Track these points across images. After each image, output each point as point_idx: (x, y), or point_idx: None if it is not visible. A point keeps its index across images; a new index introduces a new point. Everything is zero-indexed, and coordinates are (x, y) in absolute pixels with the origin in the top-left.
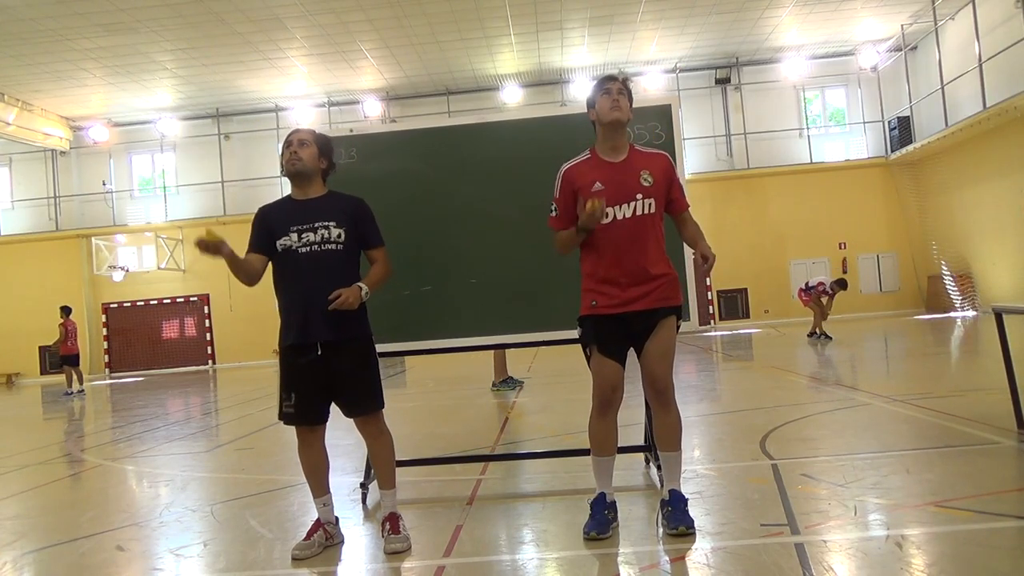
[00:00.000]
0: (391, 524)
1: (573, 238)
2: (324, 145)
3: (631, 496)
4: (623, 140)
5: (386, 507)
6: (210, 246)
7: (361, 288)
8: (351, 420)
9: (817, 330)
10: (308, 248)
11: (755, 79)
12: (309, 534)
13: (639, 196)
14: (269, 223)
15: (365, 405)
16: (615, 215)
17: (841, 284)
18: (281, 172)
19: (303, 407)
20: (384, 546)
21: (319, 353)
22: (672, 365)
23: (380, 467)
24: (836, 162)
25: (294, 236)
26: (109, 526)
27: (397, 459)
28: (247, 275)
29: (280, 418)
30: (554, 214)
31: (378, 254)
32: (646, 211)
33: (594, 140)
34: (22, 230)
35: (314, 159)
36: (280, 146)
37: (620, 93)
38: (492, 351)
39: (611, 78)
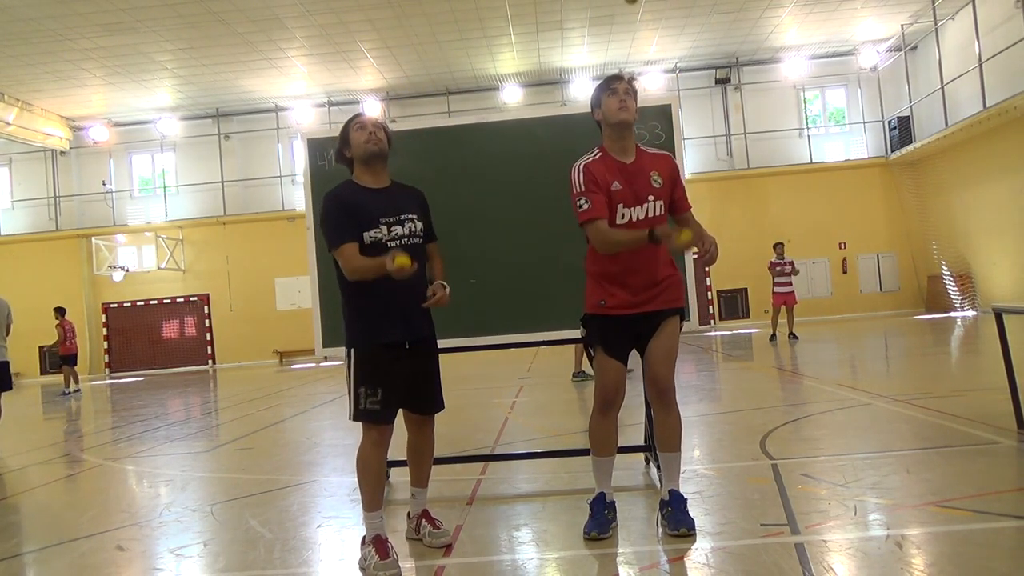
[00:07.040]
0: (428, 520)
1: (637, 241)
2: (389, 132)
3: (631, 496)
4: (631, 140)
5: (420, 504)
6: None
7: (445, 287)
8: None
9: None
10: (398, 242)
11: (755, 79)
12: (386, 552)
13: (651, 198)
14: (353, 212)
15: (439, 402)
16: (630, 217)
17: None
18: (337, 158)
19: (390, 405)
20: (429, 541)
21: (407, 348)
22: (675, 366)
23: (426, 465)
24: (836, 162)
25: (384, 229)
26: (109, 526)
27: (396, 459)
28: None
29: (358, 417)
30: (586, 206)
31: (435, 247)
32: (657, 213)
33: (591, 140)
34: (22, 230)
35: (387, 143)
36: (280, 146)
37: (627, 93)
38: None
39: (617, 78)
